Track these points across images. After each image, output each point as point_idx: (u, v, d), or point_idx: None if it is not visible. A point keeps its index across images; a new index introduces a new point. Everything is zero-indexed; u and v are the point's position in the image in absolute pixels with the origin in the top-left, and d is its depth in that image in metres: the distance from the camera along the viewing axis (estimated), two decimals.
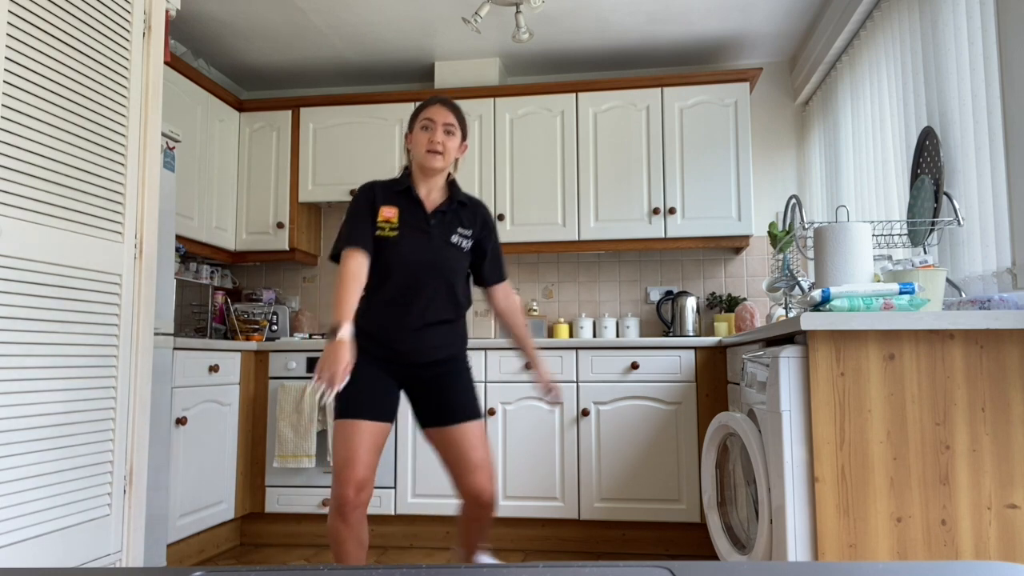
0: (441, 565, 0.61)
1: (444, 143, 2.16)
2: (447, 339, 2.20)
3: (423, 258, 2.15)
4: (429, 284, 2.16)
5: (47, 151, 1.98)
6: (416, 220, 2.17)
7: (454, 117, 2.20)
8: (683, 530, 3.26)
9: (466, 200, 2.26)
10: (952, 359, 1.70)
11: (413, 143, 2.21)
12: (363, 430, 2.09)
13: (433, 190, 2.23)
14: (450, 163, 2.21)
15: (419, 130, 2.19)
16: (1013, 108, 1.97)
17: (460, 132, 2.22)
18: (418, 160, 2.19)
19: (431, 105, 2.20)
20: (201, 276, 3.89)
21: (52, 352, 1.99)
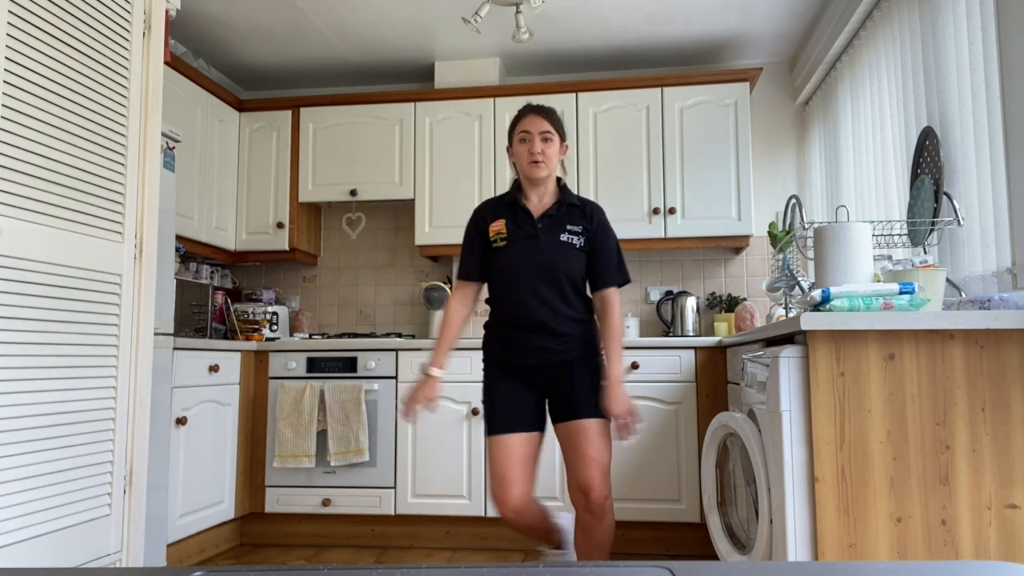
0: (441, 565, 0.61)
1: (544, 151, 2.21)
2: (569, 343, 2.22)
3: (535, 260, 2.20)
4: (543, 287, 2.20)
5: (47, 151, 1.98)
6: (524, 227, 2.24)
7: (549, 123, 2.24)
8: (683, 530, 3.26)
9: (578, 201, 2.29)
10: (952, 359, 1.70)
11: (515, 156, 2.28)
12: (510, 445, 2.17)
13: (544, 196, 2.29)
14: (554, 168, 2.26)
15: (518, 143, 2.25)
16: (1013, 108, 1.97)
17: (558, 136, 2.26)
18: (523, 172, 2.26)
19: (525, 116, 2.26)
20: (201, 276, 3.89)
21: (52, 352, 1.99)
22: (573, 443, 2.18)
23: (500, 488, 2.16)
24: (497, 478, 2.17)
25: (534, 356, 2.21)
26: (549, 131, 2.23)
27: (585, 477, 2.14)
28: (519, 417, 2.20)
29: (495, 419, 2.21)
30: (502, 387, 2.24)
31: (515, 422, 2.20)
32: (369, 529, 3.44)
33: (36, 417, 1.93)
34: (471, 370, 3.38)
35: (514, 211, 2.27)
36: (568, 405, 2.21)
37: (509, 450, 2.17)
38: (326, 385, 3.41)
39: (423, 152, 3.91)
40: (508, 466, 2.16)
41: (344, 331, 4.25)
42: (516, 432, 2.19)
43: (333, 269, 4.33)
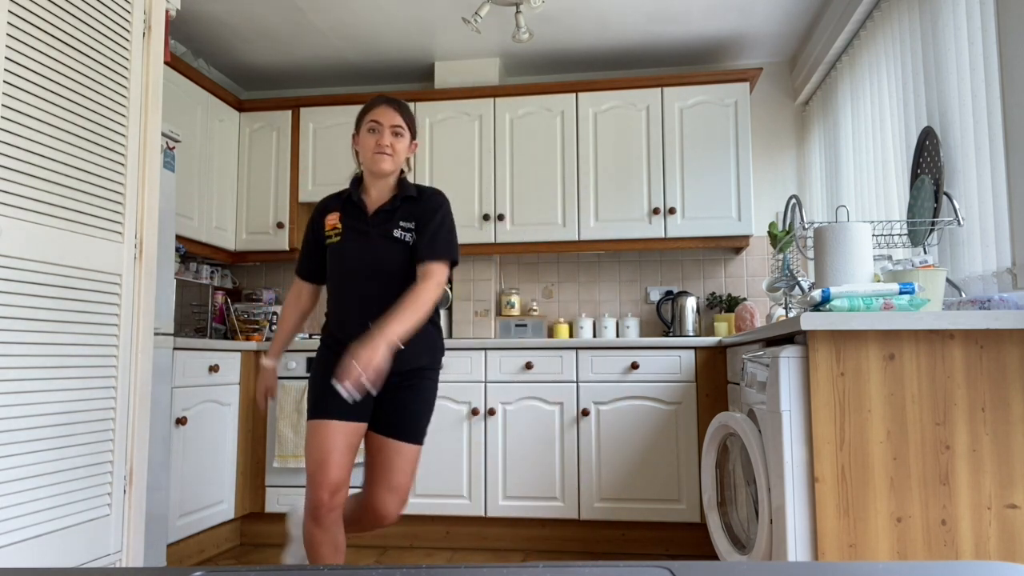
0: (441, 565, 0.61)
1: (393, 145, 2.11)
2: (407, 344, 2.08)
3: (364, 257, 2.11)
4: (371, 283, 2.11)
5: (47, 151, 1.98)
6: (357, 222, 2.15)
7: (401, 118, 2.13)
8: (683, 530, 3.26)
9: (416, 193, 2.16)
10: (952, 359, 1.70)
11: (360, 146, 2.16)
12: (333, 430, 2.06)
13: (383, 191, 2.18)
14: (400, 164, 2.16)
15: (365, 132, 2.13)
16: (1013, 108, 1.97)
17: (409, 132, 2.16)
18: (366, 163, 2.14)
19: (377, 106, 2.14)
20: (201, 276, 3.89)
21: (52, 352, 1.98)
22: (383, 462, 2.11)
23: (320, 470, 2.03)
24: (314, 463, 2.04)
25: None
26: (400, 126, 2.13)
27: (385, 501, 2.10)
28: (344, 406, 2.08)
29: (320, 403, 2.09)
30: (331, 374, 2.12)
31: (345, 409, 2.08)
32: None
33: (36, 417, 1.93)
34: (470, 370, 3.38)
35: (349, 206, 2.18)
36: (389, 419, 2.12)
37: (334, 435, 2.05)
38: None
39: (423, 152, 3.91)
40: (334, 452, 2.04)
41: None
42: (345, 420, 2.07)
43: None
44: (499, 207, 3.82)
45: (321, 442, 2.05)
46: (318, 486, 2.02)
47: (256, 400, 2.16)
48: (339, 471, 2.04)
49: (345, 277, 2.14)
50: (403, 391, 2.15)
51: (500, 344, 3.37)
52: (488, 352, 3.39)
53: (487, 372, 3.38)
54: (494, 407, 3.35)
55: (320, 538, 2.03)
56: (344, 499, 2.08)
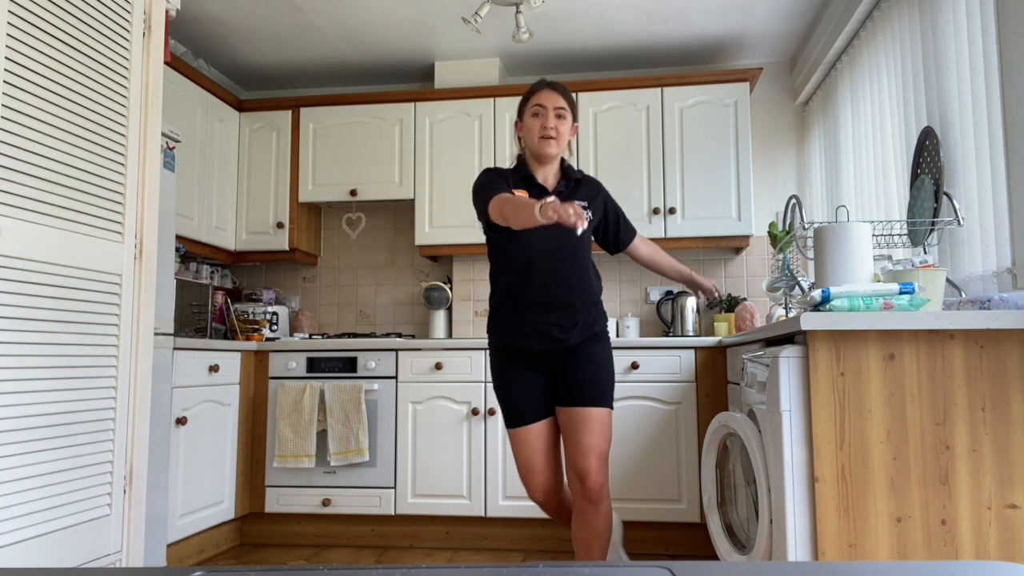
0: (441, 565, 0.61)
1: (557, 127, 2.14)
2: (579, 322, 2.19)
3: (551, 240, 2.15)
4: (560, 264, 2.16)
5: (47, 151, 1.98)
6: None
7: (564, 100, 2.17)
8: (683, 530, 3.26)
9: (580, 176, 2.27)
10: (952, 359, 1.70)
11: (525, 130, 2.19)
12: (531, 436, 2.18)
13: (549, 174, 2.23)
14: (563, 147, 2.20)
15: (530, 117, 2.17)
16: (1013, 108, 1.97)
17: (571, 114, 2.20)
18: (532, 147, 2.18)
19: (540, 90, 2.17)
20: (201, 276, 3.89)
21: (52, 352, 1.99)
22: (573, 429, 2.16)
23: (528, 477, 2.21)
24: (524, 469, 2.21)
25: (545, 339, 2.17)
26: (563, 108, 2.16)
27: (583, 464, 2.13)
28: (534, 406, 2.20)
29: (512, 411, 2.20)
30: (514, 377, 2.21)
31: (532, 412, 2.20)
32: (369, 529, 3.44)
33: (36, 417, 1.93)
34: (471, 370, 3.38)
35: (529, 185, 2.20)
36: (570, 391, 2.18)
37: (531, 441, 2.19)
38: (326, 385, 3.41)
39: (423, 152, 3.91)
40: (531, 456, 2.19)
41: (344, 331, 4.25)
42: (535, 422, 2.19)
43: (333, 269, 4.33)
44: None
45: (522, 450, 2.20)
46: (532, 491, 2.22)
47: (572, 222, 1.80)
48: (545, 474, 2.20)
49: (532, 260, 2.15)
50: (576, 361, 2.19)
51: None
52: (488, 352, 3.39)
53: (487, 372, 3.38)
54: (494, 407, 3.35)
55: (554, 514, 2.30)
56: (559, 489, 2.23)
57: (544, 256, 2.15)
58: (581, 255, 2.19)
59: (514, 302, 2.19)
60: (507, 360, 2.23)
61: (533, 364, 2.21)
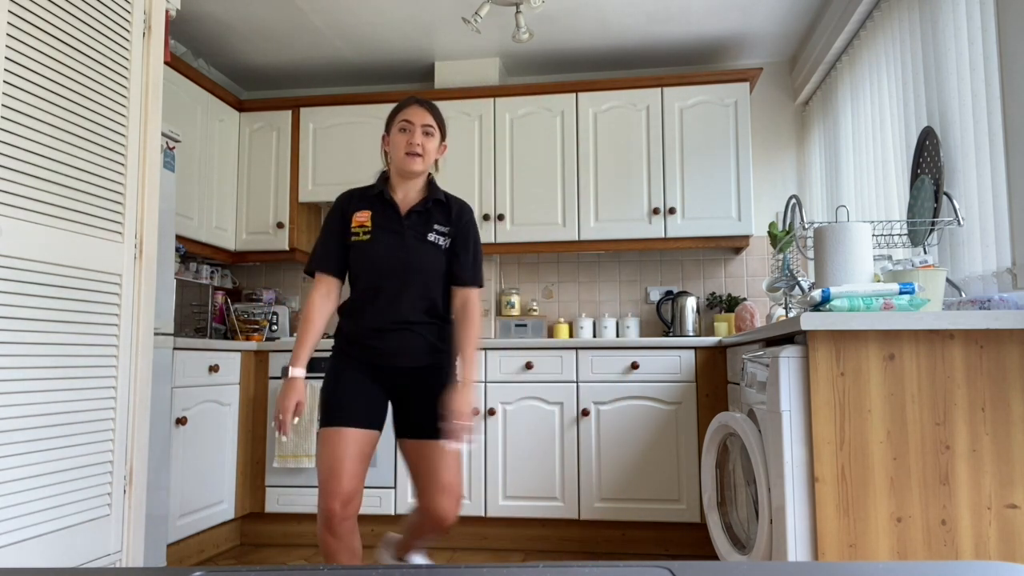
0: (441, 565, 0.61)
1: (423, 144, 2.10)
2: (427, 344, 2.12)
3: (397, 257, 2.09)
4: (405, 284, 2.10)
5: (47, 151, 1.98)
6: (389, 221, 2.12)
7: (432, 118, 2.13)
8: (683, 530, 3.26)
9: (444, 198, 2.18)
10: (952, 359, 1.70)
11: (391, 145, 2.15)
12: (346, 438, 2.03)
13: (411, 191, 2.17)
14: (430, 165, 2.15)
15: (396, 132, 2.12)
16: (1013, 108, 1.97)
17: (439, 132, 2.16)
18: (396, 163, 2.13)
19: (408, 106, 2.13)
20: (201, 276, 3.89)
21: (52, 352, 1.99)
22: (427, 465, 2.08)
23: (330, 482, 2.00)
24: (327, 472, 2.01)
25: (391, 358, 2.10)
26: (431, 125, 2.12)
27: (442, 506, 2.06)
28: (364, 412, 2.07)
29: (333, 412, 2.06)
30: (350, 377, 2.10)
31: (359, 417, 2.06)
32: (369, 529, 3.43)
33: (36, 417, 1.93)
34: None
35: (380, 204, 2.14)
36: (423, 420, 2.10)
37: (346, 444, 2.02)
38: None
39: None
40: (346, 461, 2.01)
41: None
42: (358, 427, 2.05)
43: None
44: (499, 207, 3.82)
45: (333, 451, 2.02)
46: (331, 496, 1.99)
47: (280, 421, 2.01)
48: (351, 481, 2.01)
49: (377, 278, 2.10)
50: (421, 390, 2.12)
51: (500, 344, 3.37)
52: (488, 352, 3.39)
53: (487, 372, 3.38)
54: (494, 407, 3.35)
55: (335, 546, 2.02)
56: (357, 508, 2.05)
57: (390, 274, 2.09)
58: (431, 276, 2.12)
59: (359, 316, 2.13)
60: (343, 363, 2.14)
61: (372, 375, 2.13)
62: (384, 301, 2.10)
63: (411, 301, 2.10)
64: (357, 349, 2.12)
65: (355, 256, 2.13)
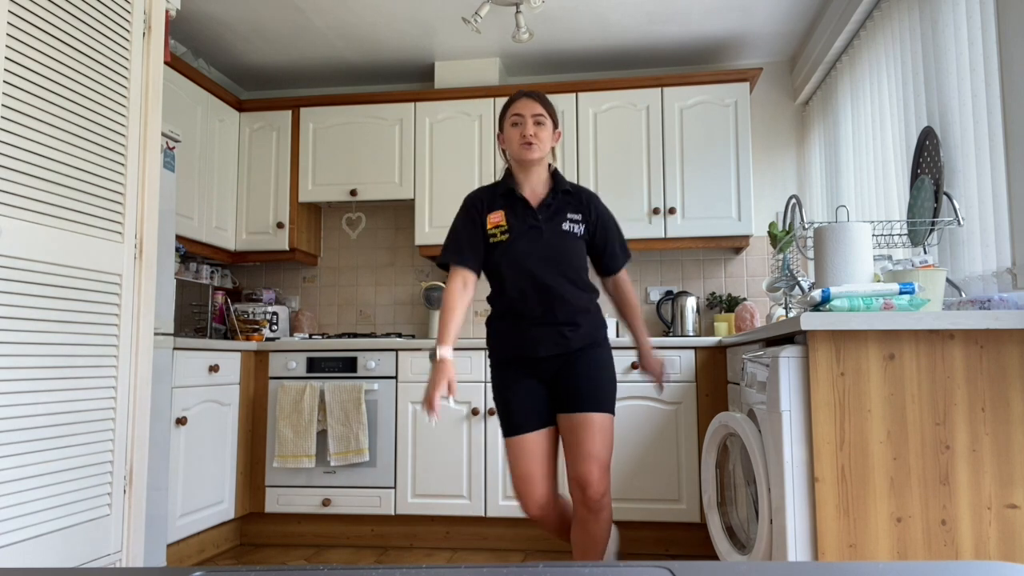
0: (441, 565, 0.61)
1: (537, 134, 2.16)
2: (579, 329, 2.19)
3: (540, 253, 2.16)
4: (551, 277, 2.16)
5: (47, 151, 1.98)
6: (525, 217, 2.19)
7: (542, 107, 2.20)
8: (683, 530, 3.26)
9: (571, 188, 2.26)
10: (952, 359, 1.70)
11: (506, 141, 2.23)
12: (528, 444, 2.15)
13: (537, 185, 2.24)
14: (546, 152, 2.21)
15: (510, 127, 2.20)
16: (1013, 108, 1.97)
17: (551, 121, 2.22)
18: (515, 156, 2.21)
19: (517, 100, 2.21)
20: (201, 276, 3.89)
21: (52, 352, 1.99)
22: (574, 436, 2.15)
23: (524, 488, 2.16)
24: (520, 479, 2.16)
25: (544, 348, 2.17)
26: (542, 114, 2.19)
27: (584, 472, 2.12)
28: (534, 415, 2.18)
29: (512, 420, 2.19)
30: (514, 386, 2.20)
31: (531, 421, 2.18)
32: (369, 529, 3.44)
33: (36, 417, 1.93)
34: (471, 370, 3.38)
35: (511, 201, 2.21)
36: (571, 397, 2.17)
37: (530, 450, 2.16)
38: (326, 385, 3.41)
39: (423, 152, 3.91)
40: (529, 465, 2.15)
41: (344, 331, 4.25)
42: (533, 431, 2.17)
43: (333, 269, 4.33)
44: None
45: (519, 459, 2.16)
46: (527, 504, 2.16)
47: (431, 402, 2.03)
48: (543, 487, 2.16)
49: (523, 275, 2.16)
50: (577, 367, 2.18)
51: None
52: (488, 352, 3.38)
53: (487, 372, 3.38)
54: (494, 407, 3.35)
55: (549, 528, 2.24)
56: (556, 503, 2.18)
57: (535, 269, 2.16)
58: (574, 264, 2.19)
59: (513, 316, 2.20)
60: (507, 370, 2.23)
61: (533, 373, 2.21)
62: (533, 297, 2.17)
63: (559, 292, 2.16)
64: (512, 348, 2.20)
65: (498, 257, 2.19)
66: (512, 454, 2.18)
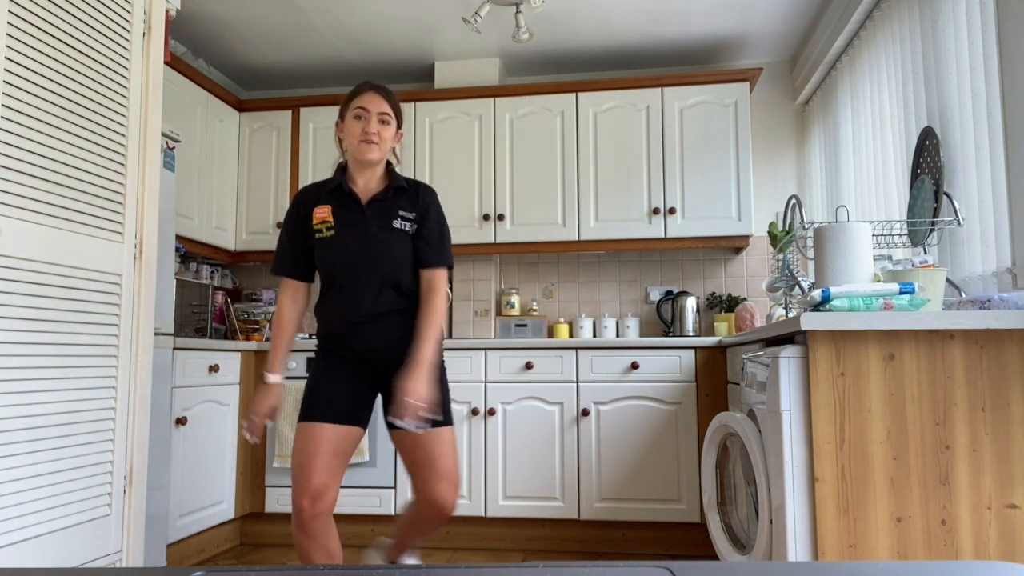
0: (441, 565, 0.61)
1: (380, 133, 2.04)
2: (405, 334, 2.06)
3: (363, 248, 2.04)
4: (374, 275, 2.04)
5: (47, 151, 1.98)
6: (351, 213, 2.07)
7: (388, 105, 2.07)
8: (683, 530, 3.26)
9: (406, 184, 2.12)
10: (952, 359, 1.70)
11: (345, 133, 2.09)
12: (319, 434, 1.99)
13: (371, 180, 2.11)
14: (386, 153, 2.09)
15: (351, 120, 2.06)
16: (1013, 108, 1.97)
17: (396, 120, 2.10)
18: (352, 152, 2.08)
19: (363, 92, 2.07)
20: (201, 276, 3.89)
21: (52, 352, 1.98)
22: (421, 453, 2.02)
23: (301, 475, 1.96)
24: (298, 466, 1.98)
25: (370, 352, 2.06)
26: (388, 113, 2.06)
27: (440, 494, 2.02)
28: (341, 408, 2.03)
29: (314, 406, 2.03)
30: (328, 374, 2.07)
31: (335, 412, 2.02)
32: (369, 529, 3.44)
33: (36, 417, 1.93)
34: (470, 370, 3.38)
35: (339, 196, 2.09)
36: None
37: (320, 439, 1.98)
38: None
39: (423, 152, 3.91)
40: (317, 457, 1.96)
41: None
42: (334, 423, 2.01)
43: None
44: (499, 207, 3.82)
45: (304, 445, 1.98)
46: (300, 492, 1.95)
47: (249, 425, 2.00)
48: (322, 476, 1.96)
49: (346, 272, 2.05)
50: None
51: (500, 344, 3.37)
52: (488, 352, 3.39)
53: (487, 372, 3.38)
54: (494, 407, 3.35)
55: (308, 545, 1.97)
56: (330, 506, 2.00)
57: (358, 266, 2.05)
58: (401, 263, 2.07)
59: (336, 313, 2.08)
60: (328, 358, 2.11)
61: (356, 369, 2.10)
62: (355, 295, 2.05)
63: (383, 292, 2.05)
64: (336, 345, 2.09)
65: (320, 253, 2.08)
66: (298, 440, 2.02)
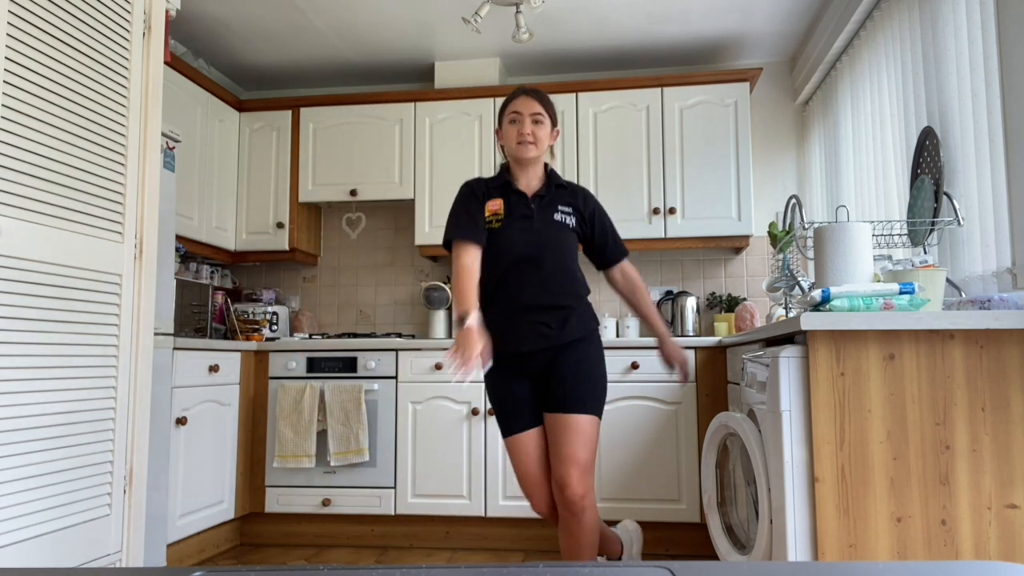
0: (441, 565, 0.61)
1: (534, 132, 2.19)
2: (566, 322, 2.18)
3: (531, 239, 2.17)
4: (540, 265, 2.17)
5: (47, 151, 1.98)
6: (519, 207, 2.21)
7: (540, 106, 2.22)
8: (683, 530, 3.26)
9: (565, 184, 2.30)
10: (952, 359, 1.70)
11: (504, 138, 2.25)
12: (524, 444, 2.18)
13: (532, 179, 2.26)
14: (543, 151, 2.24)
15: (508, 124, 2.23)
16: (1013, 108, 1.97)
17: (549, 120, 2.24)
18: (511, 153, 2.24)
19: (516, 98, 2.24)
20: (201, 276, 3.89)
21: (52, 352, 1.98)
22: (556, 437, 2.15)
23: (527, 489, 2.20)
24: (523, 480, 2.20)
25: (532, 341, 2.16)
26: (540, 113, 2.21)
27: (562, 474, 2.12)
28: (525, 414, 2.20)
29: (505, 420, 2.21)
30: (503, 385, 2.22)
31: (523, 420, 2.19)
32: (369, 529, 3.44)
33: (36, 417, 1.93)
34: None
35: (506, 193, 2.24)
36: (555, 396, 2.16)
37: (525, 450, 2.18)
38: (326, 385, 3.41)
39: (423, 152, 3.91)
40: (528, 465, 2.18)
41: (344, 331, 4.25)
42: (529, 429, 2.19)
43: (333, 269, 4.33)
44: None
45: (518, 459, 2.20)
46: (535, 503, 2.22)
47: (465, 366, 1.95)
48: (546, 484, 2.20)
49: (512, 262, 2.17)
50: (563, 365, 2.18)
51: None
52: None
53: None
54: None
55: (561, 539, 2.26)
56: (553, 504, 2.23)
57: (525, 257, 2.17)
58: (564, 254, 2.20)
59: (500, 305, 2.20)
60: (496, 367, 2.23)
61: (521, 370, 2.21)
62: (520, 285, 2.17)
63: (547, 280, 2.18)
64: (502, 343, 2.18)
65: (489, 243, 2.21)
66: (511, 454, 2.22)
